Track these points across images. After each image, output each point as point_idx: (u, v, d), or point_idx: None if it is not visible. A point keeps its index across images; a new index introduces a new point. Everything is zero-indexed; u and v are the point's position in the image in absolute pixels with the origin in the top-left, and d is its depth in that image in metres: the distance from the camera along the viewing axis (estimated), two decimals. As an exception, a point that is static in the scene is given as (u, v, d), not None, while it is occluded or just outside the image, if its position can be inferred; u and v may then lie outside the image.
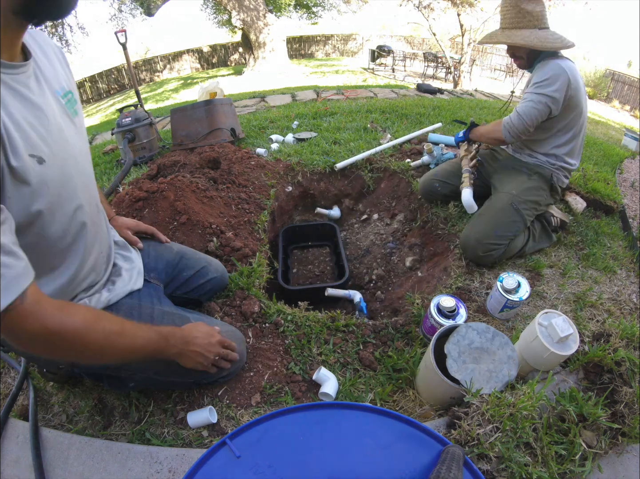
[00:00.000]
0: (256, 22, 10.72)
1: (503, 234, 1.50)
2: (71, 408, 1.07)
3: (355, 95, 4.85)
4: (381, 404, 1.05)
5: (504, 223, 1.52)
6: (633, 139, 3.37)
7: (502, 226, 1.51)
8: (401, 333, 1.28)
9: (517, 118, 1.52)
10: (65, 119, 0.72)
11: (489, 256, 1.50)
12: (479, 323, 0.97)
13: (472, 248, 1.51)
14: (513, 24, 1.56)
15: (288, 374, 1.13)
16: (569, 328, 0.93)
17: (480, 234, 1.50)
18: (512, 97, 2.86)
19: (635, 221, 1.91)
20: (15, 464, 0.89)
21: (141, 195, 1.49)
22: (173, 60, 17.00)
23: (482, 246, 1.48)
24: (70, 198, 0.71)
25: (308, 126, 3.21)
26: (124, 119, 2.60)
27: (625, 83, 12.06)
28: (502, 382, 0.90)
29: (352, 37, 18.92)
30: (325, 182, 2.49)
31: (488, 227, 1.50)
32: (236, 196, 1.86)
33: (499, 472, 0.79)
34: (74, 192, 0.71)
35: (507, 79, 13.54)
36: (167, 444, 0.96)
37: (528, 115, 1.49)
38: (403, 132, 2.94)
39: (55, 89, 0.72)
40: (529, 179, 1.63)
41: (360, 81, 10.49)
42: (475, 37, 11.02)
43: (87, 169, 0.79)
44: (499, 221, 1.52)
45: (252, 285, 1.40)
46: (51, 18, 0.60)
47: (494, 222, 1.52)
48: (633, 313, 1.36)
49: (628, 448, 0.91)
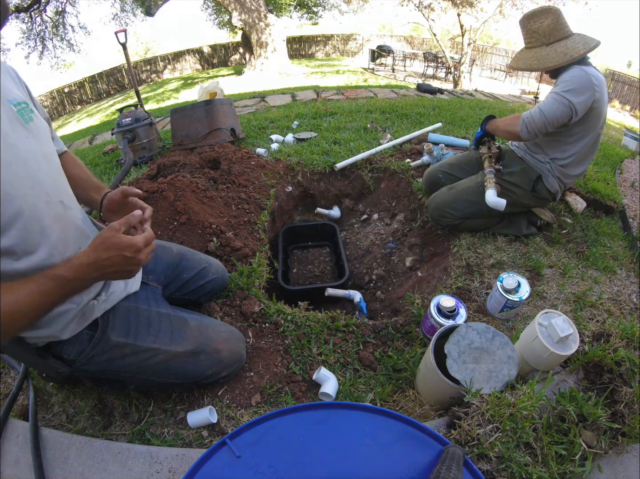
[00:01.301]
0: (257, 23, 10.72)
1: (459, 208, 1.67)
2: (71, 408, 1.07)
3: (355, 95, 4.86)
4: (381, 404, 1.05)
5: (464, 200, 1.67)
6: (633, 139, 3.37)
7: (461, 202, 1.67)
8: (401, 333, 1.28)
9: (539, 114, 1.46)
10: (15, 124, 0.74)
11: (441, 220, 1.74)
12: (479, 323, 0.97)
13: (431, 209, 1.76)
14: (528, 44, 1.57)
15: (288, 374, 1.13)
16: (569, 328, 0.93)
17: (441, 200, 1.72)
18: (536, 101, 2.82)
19: (635, 221, 1.91)
20: (15, 464, 0.89)
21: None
22: (173, 61, 17.01)
23: (438, 211, 1.72)
24: (18, 196, 0.70)
25: (308, 126, 3.21)
26: (124, 119, 2.60)
27: (625, 84, 12.06)
28: (502, 382, 0.90)
29: (353, 37, 18.92)
30: (325, 182, 2.49)
31: (450, 198, 1.70)
32: (236, 196, 1.86)
33: (499, 472, 0.79)
34: (19, 191, 0.71)
35: (507, 79, 13.55)
36: (167, 444, 0.96)
37: (550, 114, 1.44)
38: (403, 132, 2.94)
39: (7, 98, 0.75)
40: (511, 174, 1.66)
41: (361, 81, 10.49)
42: (475, 37, 11.03)
43: (43, 170, 0.78)
44: (461, 196, 1.68)
45: (252, 285, 1.40)
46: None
47: (457, 194, 1.70)
48: (633, 313, 1.36)
49: (628, 448, 0.91)
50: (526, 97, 6.34)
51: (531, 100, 5.39)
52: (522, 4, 10.05)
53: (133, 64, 13.00)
